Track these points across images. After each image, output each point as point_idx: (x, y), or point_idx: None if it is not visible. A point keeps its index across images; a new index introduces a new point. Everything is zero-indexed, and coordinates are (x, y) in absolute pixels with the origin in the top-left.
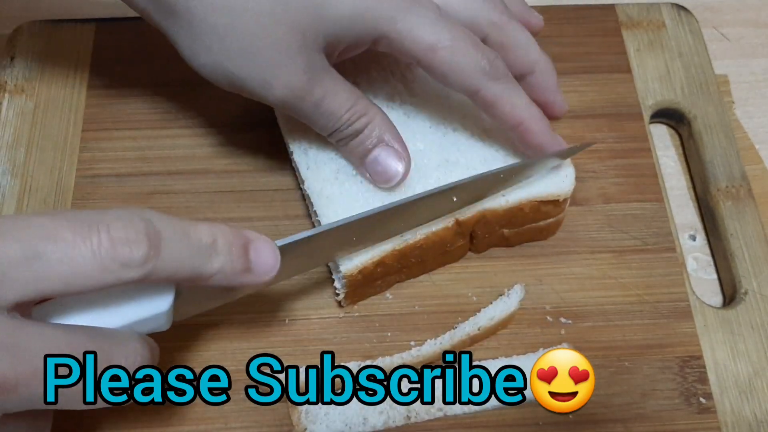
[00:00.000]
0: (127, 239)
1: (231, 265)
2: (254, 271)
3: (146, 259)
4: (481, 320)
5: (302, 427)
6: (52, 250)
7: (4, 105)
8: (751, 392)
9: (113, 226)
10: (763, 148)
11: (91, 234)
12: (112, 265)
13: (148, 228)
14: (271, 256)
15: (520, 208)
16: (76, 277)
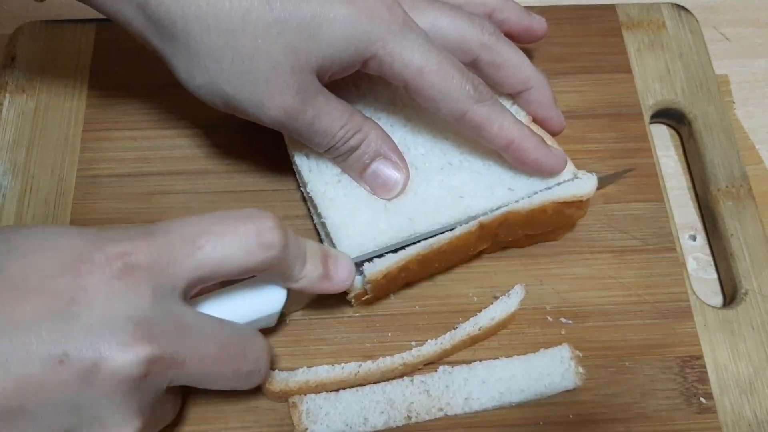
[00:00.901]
0: (268, 227)
1: (316, 271)
2: (333, 279)
3: (283, 245)
4: (482, 320)
5: (303, 427)
6: (208, 241)
7: (5, 105)
8: (751, 392)
9: (256, 217)
10: (763, 148)
11: (238, 225)
12: (256, 249)
13: (280, 222)
14: (346, 268)
15: (543, 210)
16: (227, 261)
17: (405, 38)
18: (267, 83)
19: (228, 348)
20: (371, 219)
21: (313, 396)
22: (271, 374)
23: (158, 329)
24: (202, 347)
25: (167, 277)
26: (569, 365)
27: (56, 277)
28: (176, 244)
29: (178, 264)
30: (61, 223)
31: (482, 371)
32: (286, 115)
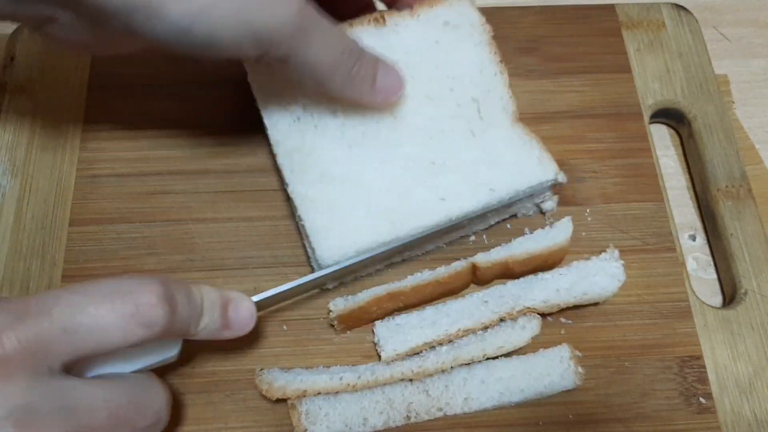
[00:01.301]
0: (150, 304)
1: (214, 324)
2: (233, 327)
3: (166, 320)
4: (488, 348)
5: (302, 427)
6: (82, 324)
7: (5, 105)
8: (751, 392)
9: (137, 292)
10: (763, 148)
11: (116, 305)
12: (136, 328)
13: (167, 292)
14: (247, 314)
15: (540, 255)
16: (105, 342)
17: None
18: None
19: (119, 411)
20: (352, 222)
21: (312, 397)
22: (269, 379)
23: (36, 414)
24: (88, 419)
25: (42, 362)
26: (569, 365)
27: None
28: (47, 331)
29: (50, 349)
30: (60, 222)
31: (482, 371)
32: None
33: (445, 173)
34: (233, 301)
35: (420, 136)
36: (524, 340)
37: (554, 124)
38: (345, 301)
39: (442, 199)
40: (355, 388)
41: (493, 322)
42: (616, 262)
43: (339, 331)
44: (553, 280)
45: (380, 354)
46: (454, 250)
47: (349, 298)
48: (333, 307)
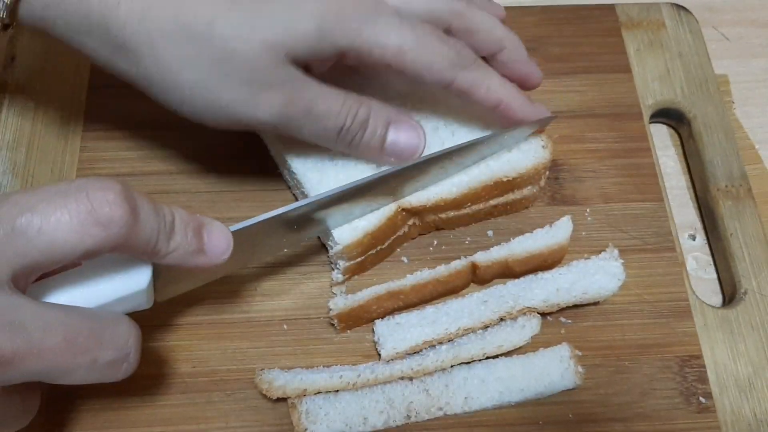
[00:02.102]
0: (107, 200)
1: (186, 246)
2: (207, 252)
3: (126, 220)
4: (488, 347)
5: (302, 427)
6: (30, 223)
7: (5, 105)
8: (750, 391)
9: (92, 189)
10: (762, 147)
11: (68, 201)
12: (92, 228)
13: (126, 192)
14: (223, 239)
15: (540, 254)
16: (57, 244)
17: (377, 23)
18: (250, 83)
19: (76, 337)
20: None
21: (312, 396)
22: (269, 378)
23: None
24: (40, 339)
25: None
26: (569, 364)
27: None
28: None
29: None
30: None
31: (482, 370)
32: (280, 110)
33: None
34: (207, 226)
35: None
36: (524, 340)
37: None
38: (345, 300)
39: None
40: (355, 386)
41: (493, 321)
42: (616, 261)
43: (339, 330)
44: (553, 280)
45: (380, 352)
46: (453, 249)
47: (348, 297)
48: (333, 305)
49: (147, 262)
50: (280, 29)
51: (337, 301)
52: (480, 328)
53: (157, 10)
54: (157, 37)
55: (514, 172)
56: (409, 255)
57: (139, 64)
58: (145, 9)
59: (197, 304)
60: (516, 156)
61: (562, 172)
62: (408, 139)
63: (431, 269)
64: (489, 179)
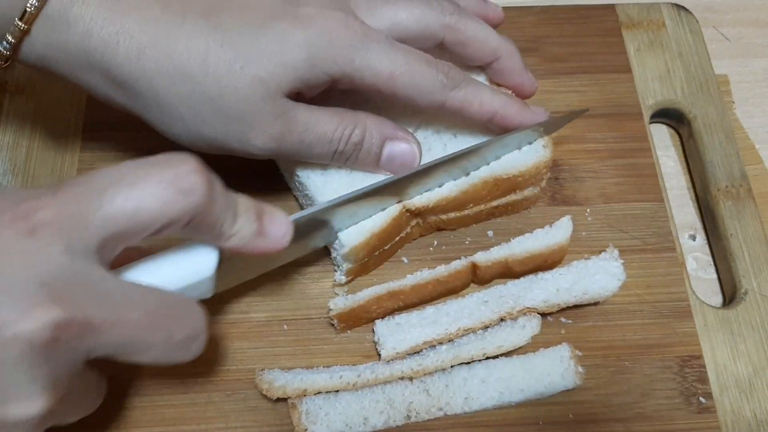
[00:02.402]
0: (187, 170)
1: (248, 228)
2: (268, 236)
3: (205, 190)
4: (488, 347)
5: (302, 427)
6: (117, 192)
7: (5, 105)
8: (750, 392)
9: (174, 160)
10: (763, 147)
11: (153, 171)
12: (175, 196)
13: (205, 167)
14: (283, 225)
15: (540, 254)
16: (144, 211)
17: (368, 50)
18: (242, 118)
19: (155, 314)
20: None
21: (312, 396)
22: (269, 379)
23: (69, 291)
24: (124, 312)
25: (78, 233)
26: (569, 365)
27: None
28: (84, 197)
29: (87, 219)
30: None
31: (482, 371)
32: (273, 141)
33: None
34: (269, 211)
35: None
36: (524, 340)
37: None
38: (345, 300)
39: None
40: (355, 386)
41: (493, 321)
42: (616, 261)
43: (339, 330)
44: (553, 280)
45: (380, 352)
46: (453, 249)
47: (349, 297)
48: (333, 305)
49: (212, 251)
50: (271, 64)
51: (337, 301)
52: (480, 328)
53: (153, 49)
54: (154, 75)
55: (515, 170)
56: (409, 255)
57: (137, 99)
58: (142, 48)
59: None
60: (517, 155)
61: (562, 172)
62: (403, 155)
63: (431, 269)
64: (490, 177)
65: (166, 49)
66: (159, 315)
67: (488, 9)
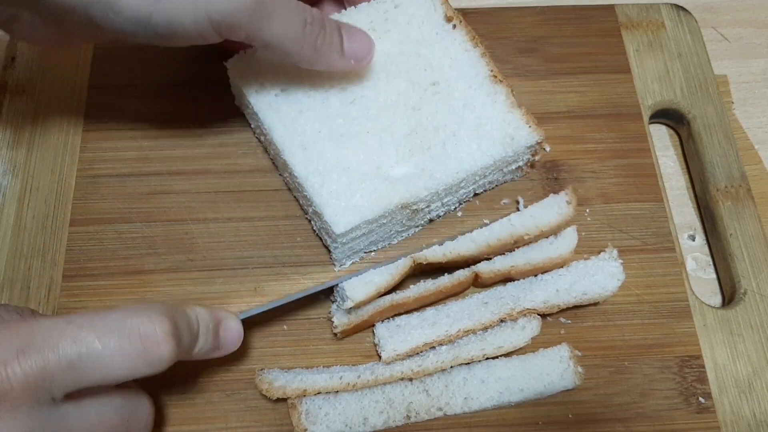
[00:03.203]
0: (157, 341)
1: (207, 346)
2: (222, 348)
3: (171, 357)
4: (488, 348)
5: (302, 426)
6: (87, 358)
7: (5, 105)
8: (750, 392)
9: (145, 331)
10: (762, 148)
11: (123, 341)
12: (142, 367)
13: (173, 329)
14: (236, 334)
15: (543, 266)
16: (109, 378)
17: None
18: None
19: (113, 429)
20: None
21: (312, 396)
22: (269, 379)
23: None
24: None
25: (44, 394)
26: (568, 365)
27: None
28: (53, 365)
29: (55, 383)
30: (61, 222)
31: (481, 371)
32: None
33: (427, 143)
34: (223, 322)
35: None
36: (524, 341)
37: (554, 124)
38: (349, 317)
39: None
40: (355, 387)
41: (493, 322)
42: (615, 262)
43: (340, 337)
44: (553, 281)
45: (380, 354)
46: None
47: (352, 313)
48: (337, 321)
49: None
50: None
51: (341, 317)
52: (480, 329)
53: None
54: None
55: (536, 229)
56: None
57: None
58: None
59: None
60: (539, 211)
61: (562, 172)
62: (362, 41)
63: (434, 279)
64: (509, 236)
65: None
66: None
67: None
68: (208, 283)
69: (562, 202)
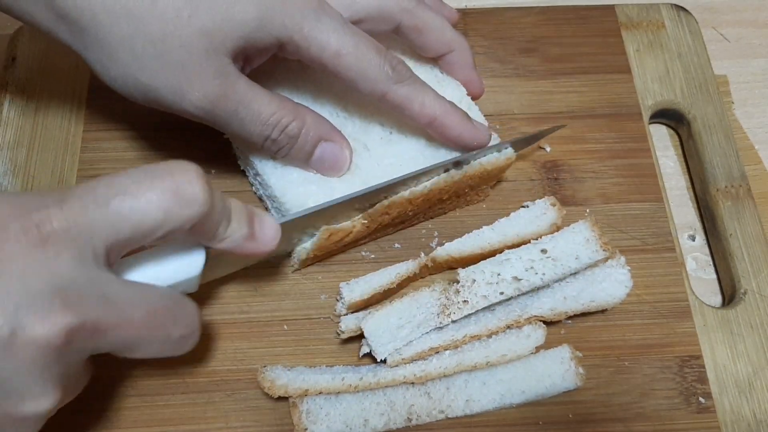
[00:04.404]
0: (188, 180)
1: (240, 231)
2: (258, 239)
3: (205, 200)
4: (492, 355)
5: (303, 426)
6: (123, 202)
7: (6, 105)
8: (750, 392)
9: (176, 170)
10: (762, 148)
11: (156, 182)
12: (177, 206)
13: (204, 175)
14: (272, 228)
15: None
16: (147, 221)
17: (320, 21)
18: (182, 68)
19: (156, 313)
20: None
21: (313, 396)
22: (272, 377)
23: (79, 297)
24: (128, 313)
25: (85, 242)
26: (569, 366)
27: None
28: (90, 208)
29: (94, 229)
30: None
31: (483, 373)
32: (208, 102)
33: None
34: (259, 215)
35: (371, 113)
36: (528, 349)
37: (554, 124)
38: (356, 320)
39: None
40: (356, 389)
41: (499, 328)
42: (623, 269)
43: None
44: (560, 288)
45: (374, 356)
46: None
47: (359, 316)
48: (344, 327)
49: (201, 249)
50: (219, 17)
51: (348, 322)
52: (486, 335)
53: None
54: (99, 11)
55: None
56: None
57: (79, 35)
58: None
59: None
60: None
61: (562, 173)
62: (334, 158)
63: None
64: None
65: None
66: (159, 314)
67: (445, 8)
68: None
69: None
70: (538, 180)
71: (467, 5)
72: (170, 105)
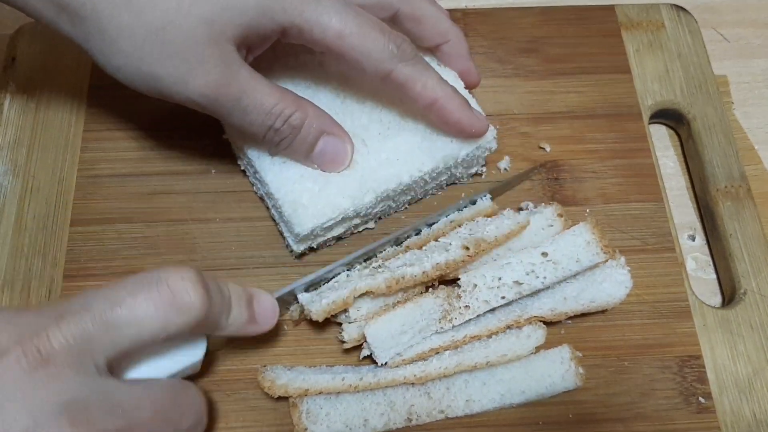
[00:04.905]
0: (186, 289)
1: (241, 317)
2: (258, 322)
3: (202, 305)
4: (492, 355)
5: (302, 426)
6: (119, 316)
7: (6, 105)
8: (750, 392)
9: (171, 279)
10: (762, 148)
11: (152, 293)
12: (174, 315)
13: (200, 278)
14: (271, 308)
15: None
16: (145, 332)
17: (320, 4)
18: (184, 57)
19: (162, 411)
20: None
21: (313, 396)
22: (272, 377)
23: (86, 410)
24: (135, 415)
25: (86, 357)
26: (569, 366)
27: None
28: (88, 324)
29: (94, 344)
30: (62, 222)
31: (483, 373)
32: (210, 89)
33: (399, 138)
34: (257, 297)
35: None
36: (528, 350)
37: (554, 124)
38: (358, 328)
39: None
40: (356, 389)
41: (499, 329)
42: (623, 269)
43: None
44: (560, 289)
45: (376, 360)
46: None
47: (362, 325)
48: (347, 337)
49: (202, 336)
50: (219, 5)
51: (350, 331)
52: (486, 335)
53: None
54: (100, 1)
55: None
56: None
57: (80, 25)
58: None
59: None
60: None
61: (562, 173)
62: (335, 151)
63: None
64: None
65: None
66: (165, 411)
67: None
68: None
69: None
70: (538, 180)
71: (467, 5)
72: (173, 94)
